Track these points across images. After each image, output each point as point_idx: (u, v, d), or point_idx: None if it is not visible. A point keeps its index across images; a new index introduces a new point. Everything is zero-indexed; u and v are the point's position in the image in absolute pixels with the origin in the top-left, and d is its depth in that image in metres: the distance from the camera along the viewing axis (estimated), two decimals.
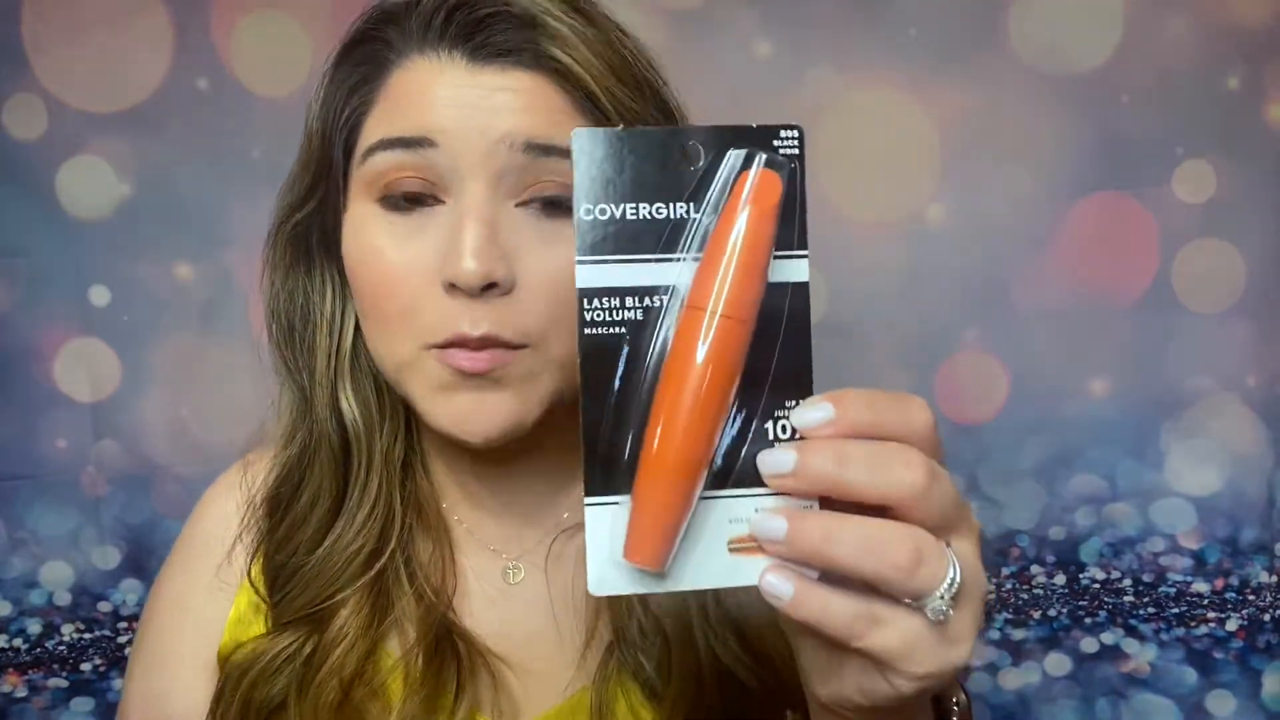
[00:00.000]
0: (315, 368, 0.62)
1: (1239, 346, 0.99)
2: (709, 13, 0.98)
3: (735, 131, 0.38)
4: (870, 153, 1.00)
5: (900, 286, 1.00)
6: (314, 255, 0.62)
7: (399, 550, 0.62)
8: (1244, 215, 0.97)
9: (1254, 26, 0.96)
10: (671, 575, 0.38)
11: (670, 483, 0.37)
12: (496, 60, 0.54)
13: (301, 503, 0.62)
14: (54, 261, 1.01)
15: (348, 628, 0.60)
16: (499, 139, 0.53)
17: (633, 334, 0.38)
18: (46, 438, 1.04)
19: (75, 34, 0.98)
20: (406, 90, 0.55)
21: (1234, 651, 1.03)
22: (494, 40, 0.54)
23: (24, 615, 1.06)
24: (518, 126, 0.53)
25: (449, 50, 0.54)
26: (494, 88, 0.54)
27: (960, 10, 0.97)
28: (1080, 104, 0.97)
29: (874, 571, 0.35)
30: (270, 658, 0.60)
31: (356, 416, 0.62)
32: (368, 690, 0.59)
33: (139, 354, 1.03)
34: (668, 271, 0.38)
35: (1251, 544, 1.02)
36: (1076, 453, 1.02)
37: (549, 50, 0.54)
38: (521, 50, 0.54)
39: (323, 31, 0.98)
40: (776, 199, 0.38)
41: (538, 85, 0.54)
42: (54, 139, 1.00)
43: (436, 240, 0.54)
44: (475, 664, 0.61)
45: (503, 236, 0.54)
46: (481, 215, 0.53)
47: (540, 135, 0.53)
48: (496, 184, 0.54)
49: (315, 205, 0.60)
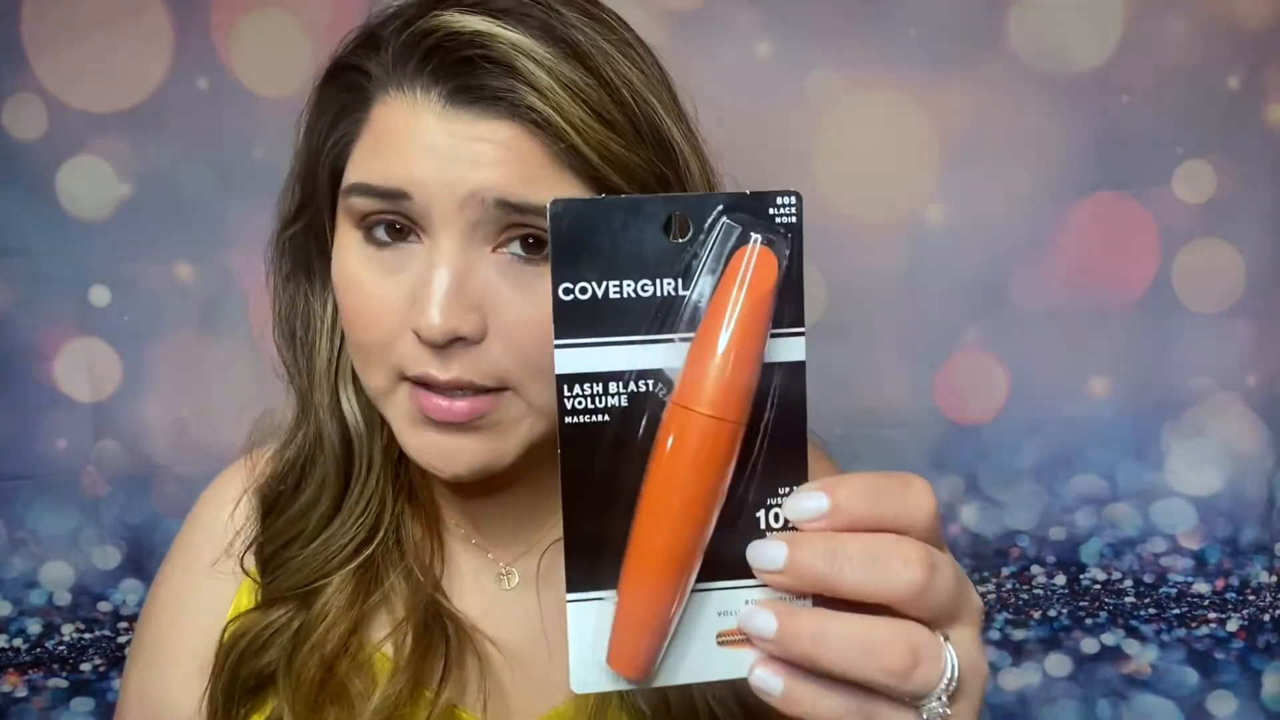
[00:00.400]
0: (315, 370, 0.62)
1: (1239, 346, 0.99)
2: (709, 13, 0.98)
3: (728, 198, 0.36)
4: (870, 153, 1.00)
5: (900, 286, 1.00)
6: (312, 263, 0.62)
7: (391, 531, 0.62)
8: (1244, 215, 0.97)
9: (1254, 26, 0.96)
10: (658, 671, 0.36)
11: (657, 590, 0.35)
12: (473, 106, 0.51)
13: (302, 501, 0.62)
14: (54, 261, 1.01)
15: (331, 604, 0.60)
16: (471, 193, 0.51)
17: (616, 421, 0.35)
18: (46, 438, 1.04)
19: (75, 34, 0.98)
20: (385, 130, 0.53)
21: (1234, 652, 1.03)
22: (471, 85, 0.51)
23: (24, 615, 1.06)
24: (489, 182, 0.51)
25: (425, 90, 0.52)
26: (469, 137, 0.51)
27: (960, 10, 0.97)
28: (1080, 104, 0.97)
29: (867, 676, 0.34)
30: (259, 629, 0.60)
31: (358, 417, 0.62)
32: (352, 666, 0.59)
33: (139, 354, 1.03)
34: (654, 353, 0.35)
35: (1252, 544, 1.02)
36: (1076, 453, 1.02)
37: (527, 100, 0.51)
38: (499, 99, 0.51)
39: (323, 31, 0.98)
40: (773, 282, 0.35)
41: (514, 136, 0.51)
42: (54, 139, 1.00)
43: (411, 280, 0.53)
44: (464, 647, 0.61)
45: (475, 285, 0.52)
46: (451, 266, 0.52)
47: (513, 193, 0.51)
48: (470, 233, 0.52)
49: (306, 222, 0.60)
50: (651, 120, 0.55)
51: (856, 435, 1.00)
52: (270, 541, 0.62)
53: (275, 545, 0.62)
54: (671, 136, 0.55)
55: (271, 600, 0.61)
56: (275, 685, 0.59)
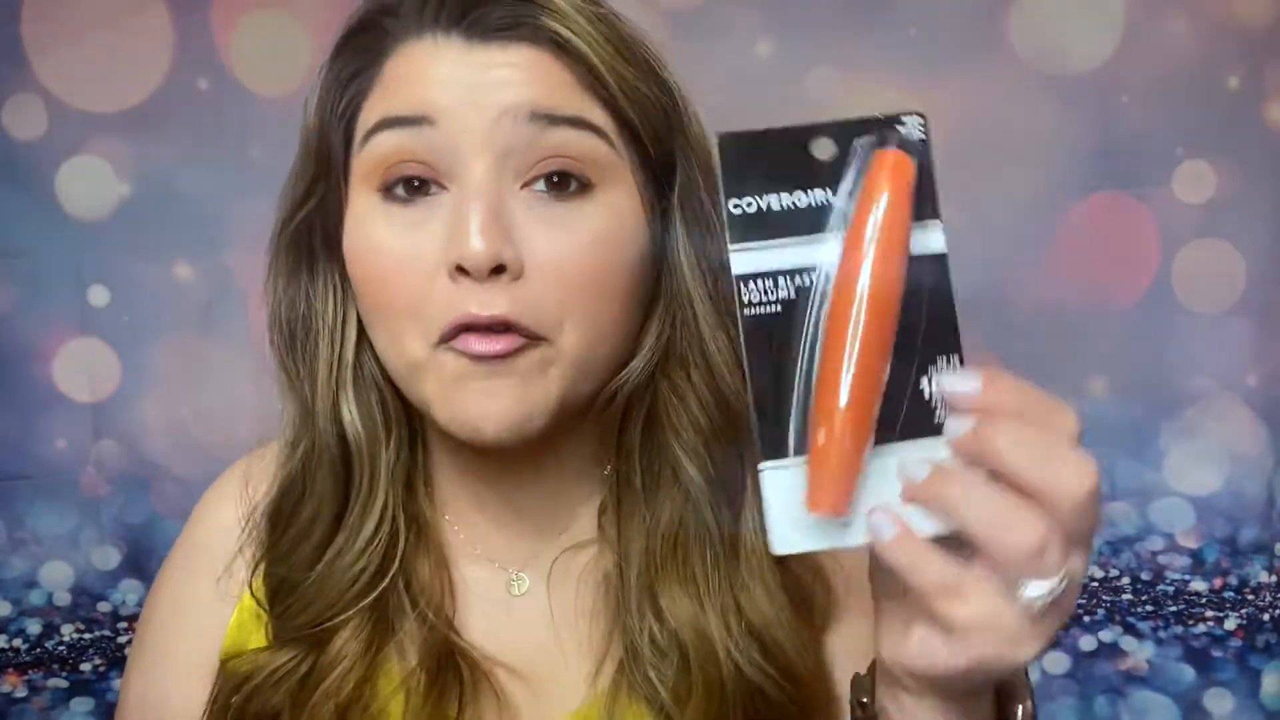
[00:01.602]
0: (317, 377, 0.60)
1: (1239, 346, 0.99)
2: (709, 13, 0.98)
3: (863, 123, 0.41)
4: None
5: None
6: (316, 258, 0.61)
7: (400, 573, 0.60)
8: (1244, 215, 0.97)
9: (1254, 26, 0.96)
10: (852, 526, 0.40)
11: (846, 427, 0.39)
12: (495, 37, 0.52)
13: (303, 516, 0.61)
14: (54, 261, 1.01)
15: (346, 650, 0.58)
16: (502, 113, 0.51)
17: (787, 311, 0.40)
18: (46, 438, 1.04)
19: (75, 34, 0.98)
20: (403, 71, 0.54)
21: (1232, 650, 1.03)
22: (490, 18, 0.52)
23: (24, 615, 1.06)
24: (520, 98, 0.52)
25: (445, 31, 0.53)
26: (493, 64, 0.52)
27: (960, 10, 0.97)
28: (1080, 104, 0.97)
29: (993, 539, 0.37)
30: (268, 673, 0.59)
31: (359, 428, 0.60)
32: (365, 715, 0.58)
33: (139, 354, 1.03)
34: (816, 252, 0.40)
35: (1251, 544, 1.02)
36: None
37: (548, 24, 0.52)
38: (520, 25, 0.52)
39: (323, 31, 0.97)
40: (910, 177, 0.41)
41: (538, 58, 0.52)
42: (54, 139, 1.00)
43: (440, 228, 0.52)
44: (479, 683, 0.59)
45: (509, 220, 0.52)
46: (486, 195, 0.51)
47: (545, 105, 0.52)
48: (501, 163, 0.52)
49: (316, 203, 0.59)
50: (657, 68, 0.56)
51: None
52: (278, 562, 0.61)
53: (282, 567, 0.61)
54: (674, 85, 0.57)
55: (281, 643, 0.60)
56: None
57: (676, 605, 0.58)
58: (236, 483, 0.66)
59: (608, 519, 0.62)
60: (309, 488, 0.60)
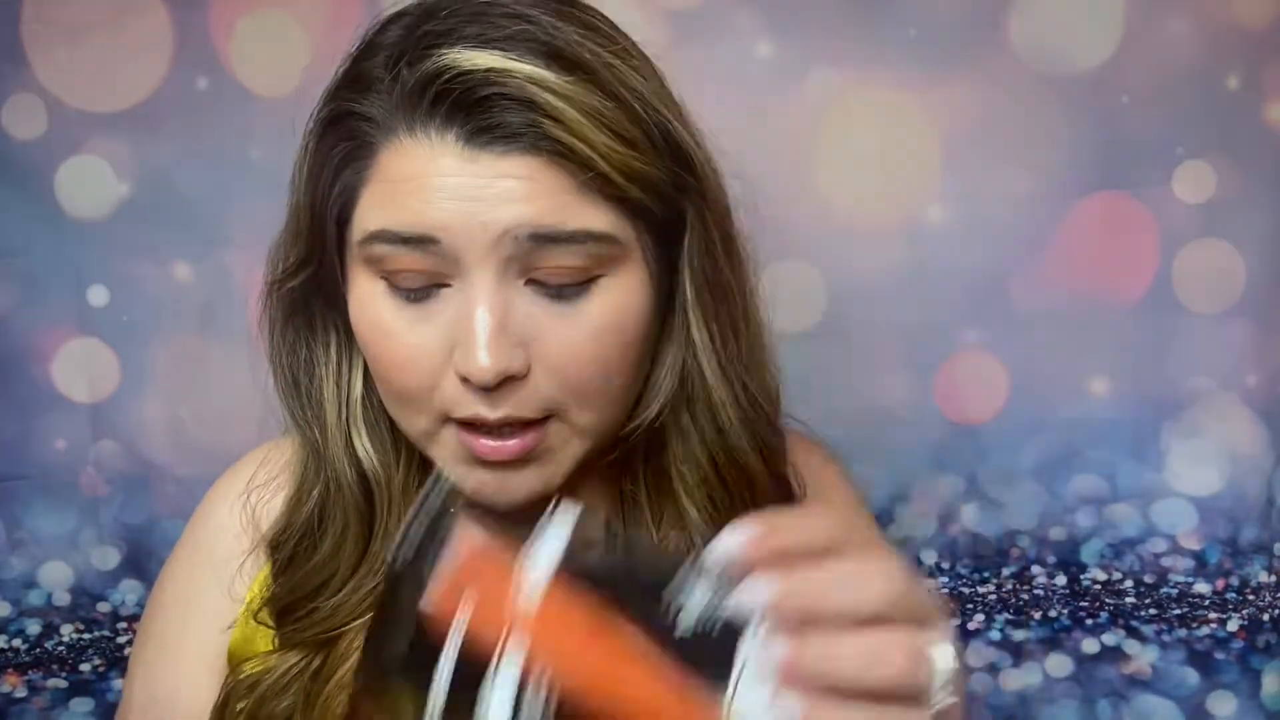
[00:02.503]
0: (326, 420, 0.61)
1: (1239, 346, 0.99)
2: (709, 13, 0.98)
3: None
4: (870, 153, 1.00)
5: (900, 286, 1.00)
6: (313, 311, 0.61)
7: None
8: (1244, 215, 0.97)
9: (1254, 26, 0.96)
10: None
11: None
12: (494, 145, 0.50)
13: (323, 551, 0.61)
14: (53, 261, 1.01)
15: (356, 643, 0.59)
16: (504, 231, 0.50)
17: None
18: (46, 438, 1.04)
19: (75, 34, 0.98)
20: (400, 175, 0.52)
21: (1234, 652, 1.03)
22: (490, 124, 0.50)
23: (23, 615, 1.06)
24: (521, 217, 0.50)
25: (440, 132, 0.51)
26: (494, 175, 0.50)
27: (960, 10, 0.97)
28: (1080, 104, 0.97)
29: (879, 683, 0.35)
30: (279, 675, 0.60)
31: (375, 461, 0.61)
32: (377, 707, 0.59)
33: (138, 354, 1.03)
34: None
35: (1252, 544, 1.01)
36: (1076, 453, 1.02)
37: (551, 133, 0.50)
38: (521, 135, 0.50)
39: (323, 31, 0.97)
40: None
41: (540, 169, 0.50)
42: (54, 139, 1.00)
43: (446, 324, 0.53)
44: None
45: (515, 318, 0.52)
46: (491, 304, 0.51)
47: (546, 224, 0.51)
48: (504, 270, 0.52)
49: (311, 273, 0.59)
50: (665, 129, 0.54)
51: (856, 435, 1.00)
52: (288, 594, 0.61)
53: (294, 597, 0.61)
54: (683, 140, 0.55)
55: (290, 645, 0.60)
56: None
57: None
58: (240, 483, 0.66)
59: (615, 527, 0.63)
60: (328, 525, 0.61)
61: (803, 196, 1.00)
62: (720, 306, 0.57)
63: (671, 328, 0.58)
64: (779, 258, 1.00)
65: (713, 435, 0.59)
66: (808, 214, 1.00)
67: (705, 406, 0.58)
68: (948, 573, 1.05)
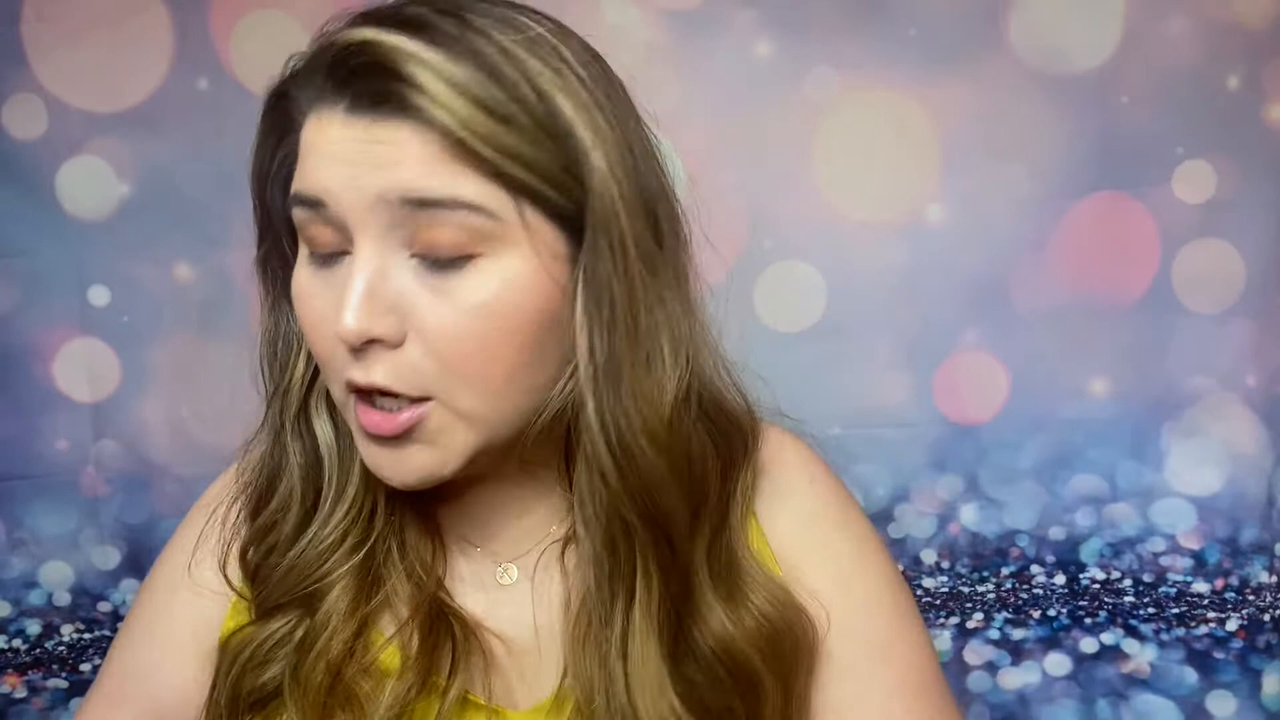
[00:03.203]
0: (289, 387, 0.63)
1: (1239, 346, 0.99)
2: (709, 13, 0.98)
3: None
4: (870, 153, 1.00)
5: (900, 286, 1.00)
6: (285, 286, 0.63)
7: (390, 533, 0.62)
8: (1244, 215, 0.97)
9: (1254, 26, 0.96)
10: None
11: None
12: (370, 111, 0.52)
13: (271, 508, 0.63)
14: (54, 261, 1.01)
15: (333, 610, 0.60)
16: (378, 196, 0.52)
17: None
18: (46, 438, 1.04)
19: (75, 34, 0.98)
20: (307, 144, 0.55)
21: (1234, 651, 1.03)
22: (365, 91, 0.52)
23: (24, 615, 1.06)
24: (391, 182, 0.52)
25: (331, 104, 0.53)
26: (369, 140, 0.52)
27: (960, 10, 0.97)
28: (1080, 104, 0.97)
29: None
30: (260, 643, 0.61)
31: (331, 436, 0.63)
32: (359, 669, 0.60)
33: (139, 354, 1.03)
34: None
35: (1252, 544, 1.02)
36: (1076, 453, 1.02)
37: (413, 100, 0.51)
38: (388, 101, 0.52)
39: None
40: None
41: (410, 135, 0.52)
42: (54, 139, 1.00)
43: (339, 289, 0.54)
44: (470, 644, 0.61)
45: (391, 289, 0.53)
46: (366, 270, 0.53)
47: (415, 188, 0.52)
48: (385, 236, 0.53)
49: (271, 243, 0.62)
50: (553, 112, 0.54)
51: (856, 435, 1.01)
52: (250, 547, 0.63)
53: (257, 553, 0.63)
54: (573, 129, 0.54)
55: (269, 610, 0.61)
56: (280, 699, 0.60)
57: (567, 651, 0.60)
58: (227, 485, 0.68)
59: None
60: (277, 484, 0.63)
61: (803, 196, 1.00)
62: (602, 308, 0.55)
63: None
64: (779, 258, 1.00)
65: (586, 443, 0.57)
66: (808, 214, 1.00)
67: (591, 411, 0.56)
68: (947, 572, 1.05)
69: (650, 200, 0.57)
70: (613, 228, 0.54)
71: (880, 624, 0.65)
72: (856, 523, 0.68)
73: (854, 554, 0.66)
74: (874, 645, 0.64)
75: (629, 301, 0.55)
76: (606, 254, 0.55)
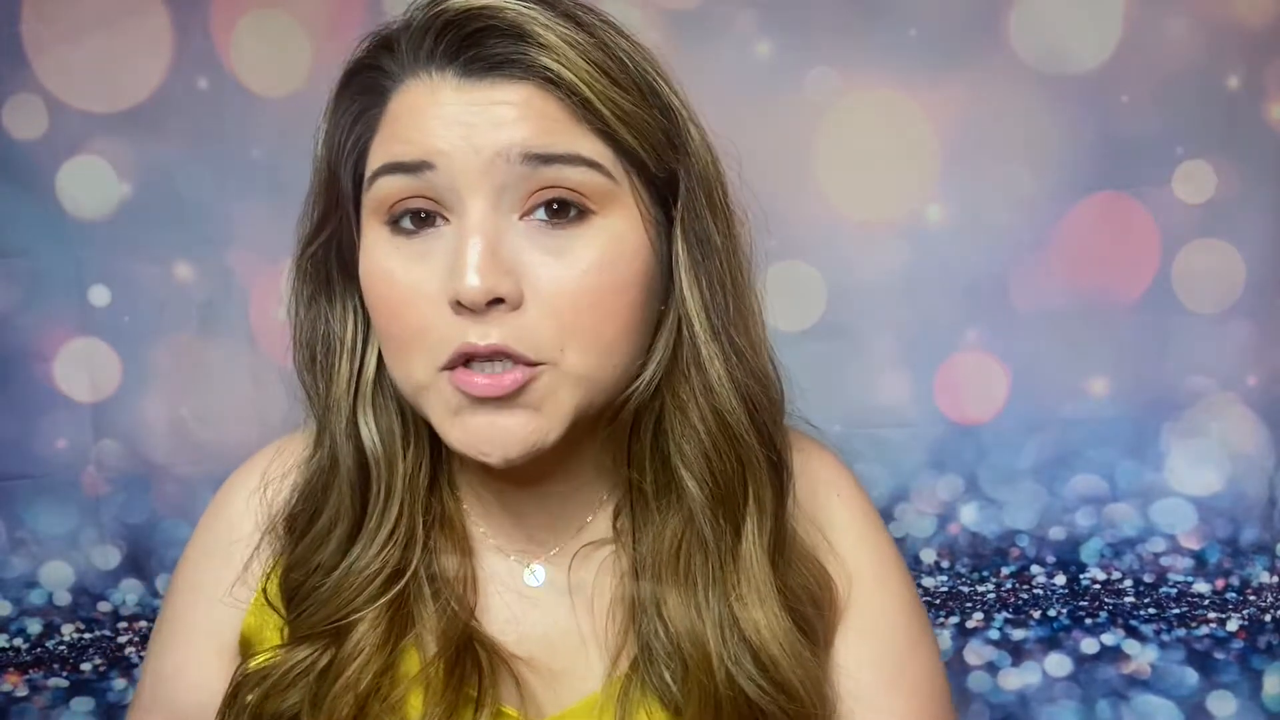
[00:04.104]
0: (335, 394, 0.63)
1: (1239, 346, 0.99)
2: (709, 13, 0.98)
3: None
4: (870, 153, 1.00)
5: (900, 286, 1.00)
6: (334, 283, 0.63)
7: (422, 568, 0.62)
8: (1244, 215, 0.97)
9: (1254, 26, 0.96)
10: None
11: None
12: (488, 75, 0.54)
13: (319, 526, 0.62)
14: (54, 261, 1.01)
15: (364, 642, 0.60)
16: (496, 153, 0.53)
17: None
18: (46, 438, 1.04)
19: (75, 34, 0.98)
20: (403, 113, 0.55)
21: (1235, 652, 1.03)
22: (483, 55, 0.54)
23: (24, 615, 1.06)
24: (513, 138, 0.53)
25: (439, 69, 0.54)
26: (487, 102, 0.54)
27: (960, 10, 0.97)
28: (1080, 104, 0.97)
29: None
30: (284, 671, 0.60)
31: (376, 442, 0.62)
32: (384, 706, 0.59)
33: (139, 354, 1.03)
34: None
35: (1252, 544, 1.01)
36: (1076, 453, 1.02)
37: (539, 60, 0.53)
38: (511, 62, 0.53)
39: (323, 31, 0.97)
40: None
41: (531, 95, 0.54)
42: (54, 139, 1.00)
43: (442, 260, 0.55)
44: (497, 670, 0.61)
45: (507, 252, 0.54)
46: (483, 230, 0.53)
47: (537, 144, 0.53)
48: (498, 199, 0.54)
49: (330, 232, 0.61)
50: (652, 84, 0.57)
51: (856, 435, 1.00)
52: (293, 568, 0.63)
53: (298, 573, 0.62)
54: (671, 101, 0.58)
55: (298, 639, 0.61)
56: None
57: (675, 612, 0.60)
58: (256, 474, 0.67)
59: (623, 521, 0.64)
60: (325, 499, 0.62)
61: (803, 196, 1.00)
62: (710, 264, 0.58)
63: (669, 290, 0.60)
64: (779, 258, 1.00)
65: (705, 398, 0.59)
66: (808, 214, 1.00)
67: (697, 368, 0.59)
68: (947, 572, 1.05)
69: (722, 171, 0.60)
70: (710, 188, 0.58)
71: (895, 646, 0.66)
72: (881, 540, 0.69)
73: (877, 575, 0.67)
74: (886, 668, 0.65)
75: (727, 256, 0.59)
76: (706, 213, 0.58)
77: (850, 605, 0.65)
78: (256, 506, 0.65)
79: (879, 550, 0.68)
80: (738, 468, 0.60)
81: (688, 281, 0.58)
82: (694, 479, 0.60)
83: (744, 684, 0.59)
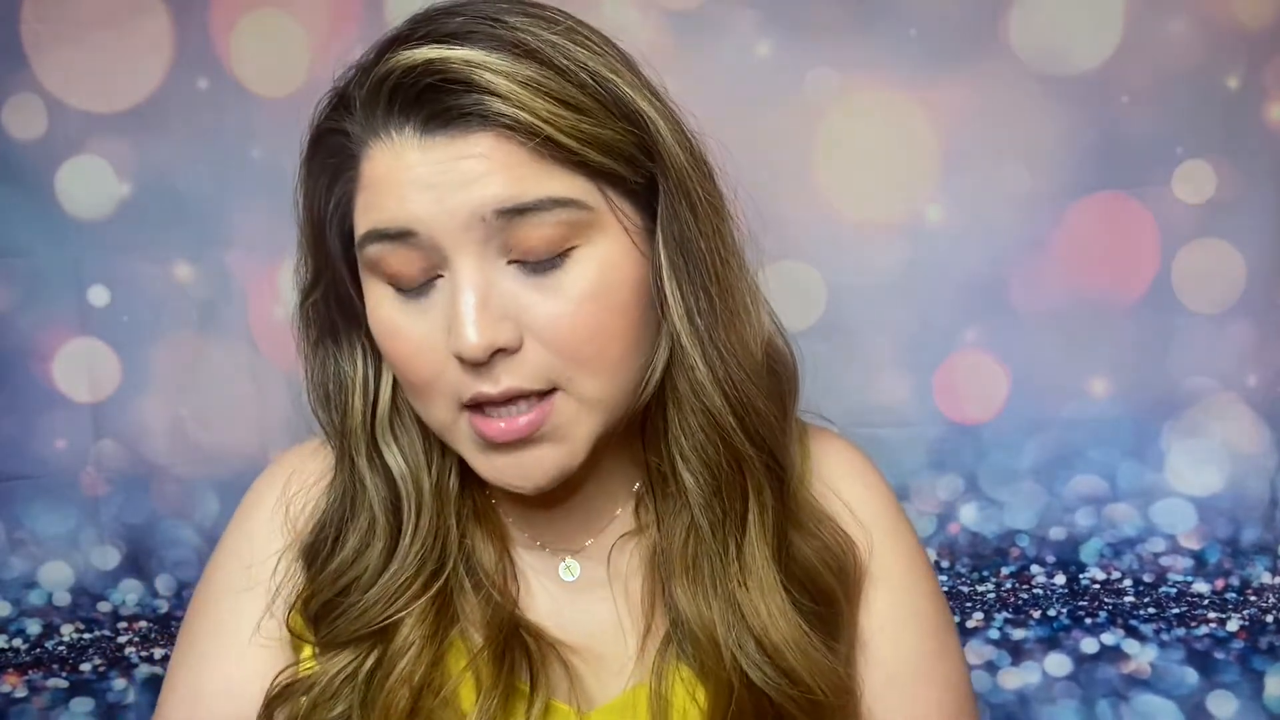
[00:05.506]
0: (352, 428, 0.64)
1: (1239, 346, 0.99)
2: (709, 13, 0.98)
3: None
4: (870, 153, 1.00)
5: (900, 286, 1.00)
6: (338, 327, 0.64)
7: (461, 561, 0.63)
8: (1244, 215, 0.97)
9: (1254, 26, 0.96)
10: None
11: None
12: (447, 129, 0.53)
13: (348, 549, 0.63)
14: (53, 261, 1.01)
15: (414, 635, 0.61)
16: (471, 214, 0.53)
17: None
18: (46, 438, 1.04)
19: (75, 34, 0.98)
20: (376, 180, 0.55)
21: (1235, 652, 1.03)
22: (439, 111, 0.53)
23: (24, 615, 1.06)
24: (484, 198, 0.53)
25: (399, 129, 0.54)
26: (451, 158, 0.53)
27: (960, 10, 0.97)
28: (1080, 104, 0.97)
29: None
30: (329, 679, 0.61)
31: (402, 464, 0.63)
32: (437, 700, 0.60)
33: (139, 354, 1.03)
34: None
35: (1253, 544, 1.01)
36: (1076, 453, 1.02)
37: (493, 107, 0.52)
38: (467, 115, 0.52)
39: (323, 31, 0.97)
40: None
41: (494, 144, 0.53)
42: (54, 139, 1.00)
43: (442, 313, 0.55)
44: (546, 655, 0.62)
45: (501, 298, 0.54)
46: (474, 284, 0.54)
47: (508, 198, 0.53)
48: (482, 250, 0.54)
49: (325, 286, 0.62)
50: (615, 94, 0.56)
51: (856, 435, 1.00)
52: (320, 593, 0.63)
53: (327, 596, 0.63)
54: (637, 106, 0.56)
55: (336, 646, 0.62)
56: None
57: (683, 599, 0.62)
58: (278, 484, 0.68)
59: (645, 512, 0.65)
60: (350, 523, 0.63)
61: (803, 196, 1.00)
62: (692, 266, 0.58)
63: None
64: (779, 258, 1.00)
65: (694, 397, 0.60)
66: (808, 214, 1.00)
67: (685, 370, 0.59)
68: (947, 572, 1.05)
69: (704, 163, 0.60)
70: (687, 189, 0.57)
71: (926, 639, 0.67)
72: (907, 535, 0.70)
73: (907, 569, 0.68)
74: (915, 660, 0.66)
75: (711, 255, 0.58)
76: (686, 214, 0.57)
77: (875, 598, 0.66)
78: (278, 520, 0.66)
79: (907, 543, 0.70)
80: (733, 463, 0.61)
81: (670, 287, 0.58)
82: (691, 474, 0.61)
83: (748, 668, 0.60)
